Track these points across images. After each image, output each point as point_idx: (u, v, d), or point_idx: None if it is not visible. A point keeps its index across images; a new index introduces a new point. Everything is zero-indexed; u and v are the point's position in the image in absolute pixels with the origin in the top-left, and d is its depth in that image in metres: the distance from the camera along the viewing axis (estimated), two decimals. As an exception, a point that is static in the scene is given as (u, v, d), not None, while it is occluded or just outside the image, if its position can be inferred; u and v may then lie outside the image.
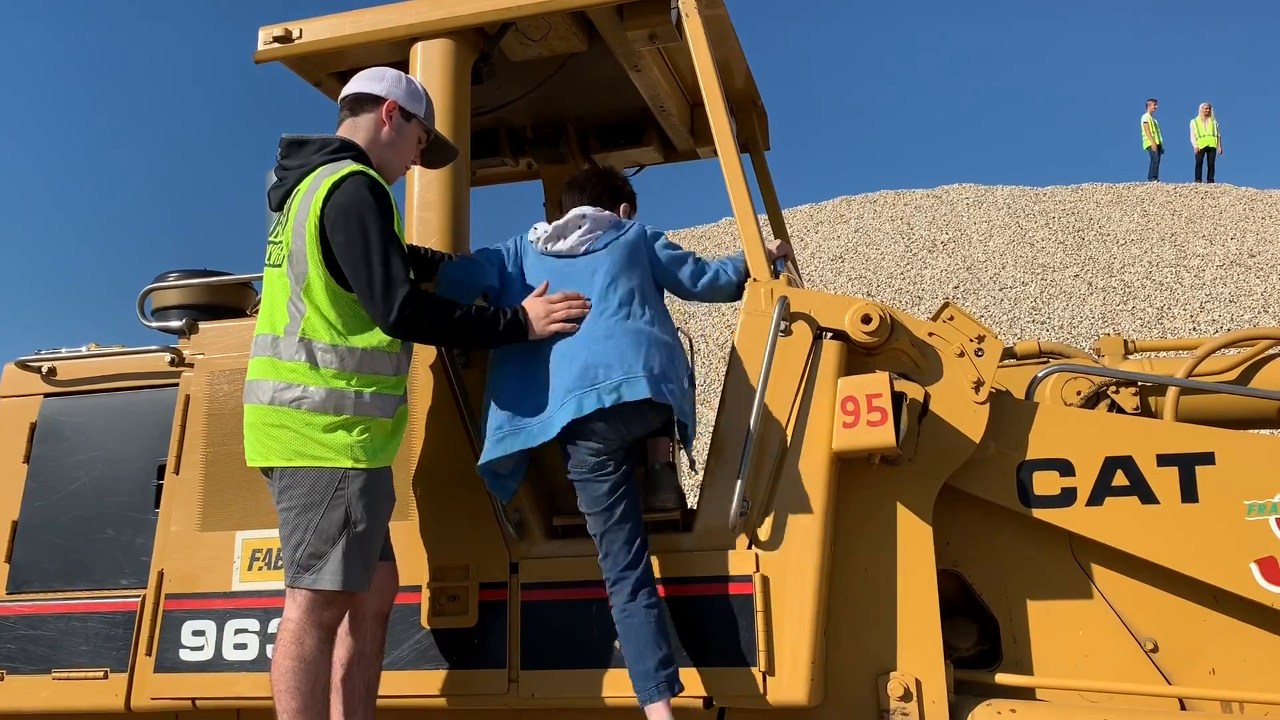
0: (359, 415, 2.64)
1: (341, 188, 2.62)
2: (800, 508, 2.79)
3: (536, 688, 2.83)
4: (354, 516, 2.59)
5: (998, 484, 2.92)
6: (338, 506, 2.58)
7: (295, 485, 2.61)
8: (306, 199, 2.66)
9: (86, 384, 3.51)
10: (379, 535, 2.68)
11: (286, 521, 2.62)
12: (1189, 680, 2.85)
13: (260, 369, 2.70)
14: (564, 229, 2.98)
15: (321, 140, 2.79)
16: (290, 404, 2.62)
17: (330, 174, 2.66)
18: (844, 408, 2.75)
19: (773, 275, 2.98)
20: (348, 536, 2.57)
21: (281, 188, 2.78)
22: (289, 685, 2.49)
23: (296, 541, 2.58)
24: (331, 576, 2.55)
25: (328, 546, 2.56)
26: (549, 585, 2.89)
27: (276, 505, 2.66)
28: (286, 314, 2.66)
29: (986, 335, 2.90)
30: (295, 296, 2.66)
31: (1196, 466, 2.82)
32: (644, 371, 2.70)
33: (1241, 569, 2.76)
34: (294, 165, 2.77)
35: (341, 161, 2.72)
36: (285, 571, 2.63)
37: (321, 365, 2.63)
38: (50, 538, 3.36)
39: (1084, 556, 2.95)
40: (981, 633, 3.05)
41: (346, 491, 2.59)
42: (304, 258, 2.64)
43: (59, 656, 3.18)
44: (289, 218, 2.69)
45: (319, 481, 2.59)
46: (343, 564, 2.56)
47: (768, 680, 2.69)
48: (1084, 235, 18.42)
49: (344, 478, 2.59)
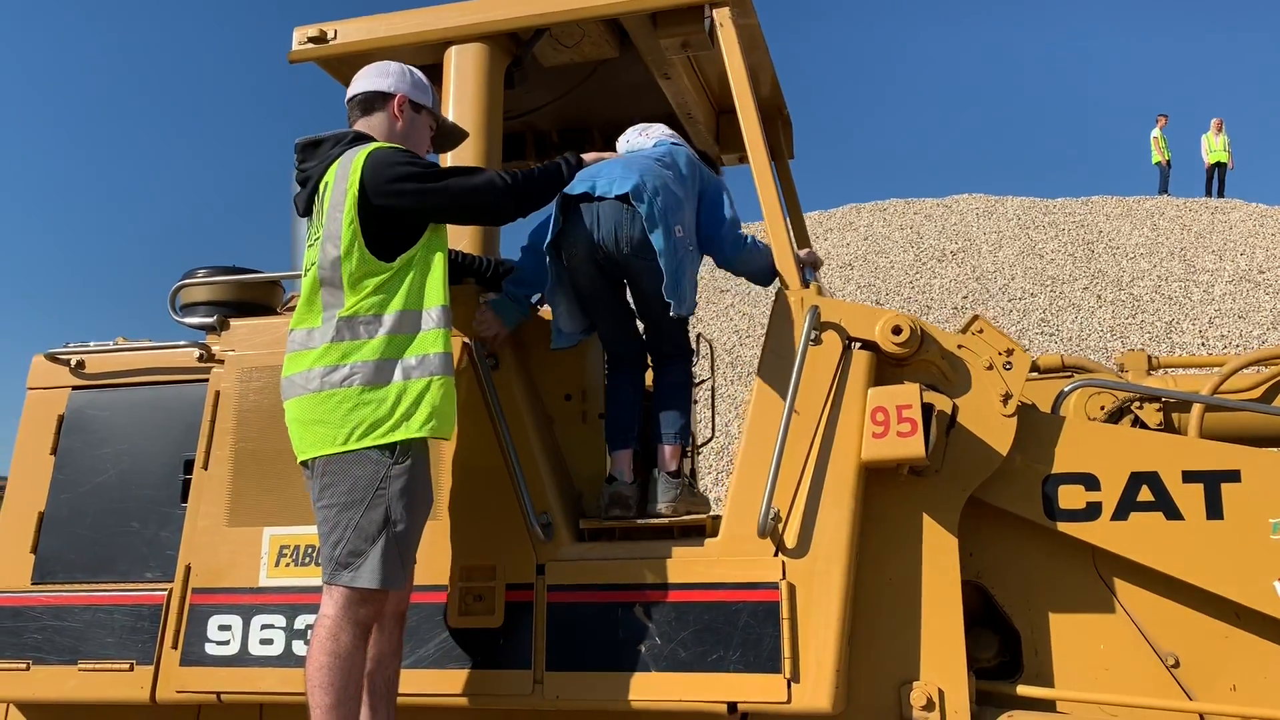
0: (411, 379, 2.67)
1: (373, 159, 2.69)
2: (828, 516, 2.80)
3: (562, 689, 2.85)
4: (394, 516, 2.61)
5: (1023, 497, 2.94)
6: (378, 506, 2.60)
7: (337, 482, 2.63)
8: (340, 184, 2.71)
9: (115, 378, 3.54)
10: (417, 535, 2.71)
11: (326, 519, 2.64)
12: (1210, 696, 2.87)
13: (299, 362, 2.73)
14: (648, 129, 3.32)
15: (336, 136, 2.85)
16: (341, 384, 2.65)
17: (354, 156, 2.72)
18: (874, 418, 2.76)
19: (803, 284, 3.00)
20: (387, 535, 2.60)
21: (305, 191, 2.83)
22: (323, 681, 2.51)
23: (336, 539, 2.60)
24: (370, 575, 2.58)
25: (367, 545, 2.58)
26: (575, 588, 2.91)
27: (316, 502, 2.68)
28: (322, 304, 2.70)
29: (1015, 349, 2.91)
30: (331, 281, 2.69)
31: (1222, 484, 2.83)
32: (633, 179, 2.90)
33: (1265, 587, 2.77)
34: (312, 165, 2.82)
35: (359, 146, 2.78)
36: (323, 568, 2.65)
37: (366, 337, 2.66)
38: (76, 530, 3.38)
39: (1107, 570, 2.96)
40: (1003, 644, 3.06)
41: (388, 491, 2.61)
42: (338, 238, 2.67)
43: (85, 648, 3.20)
44: (324, 209, 2.73)
45: (360, 479, 2.61)
46: (381, 562, 2.58)
47: (792, 687, 2.71)
48: (1094, 248, 18.43)
49: (385, 477, 2.61)
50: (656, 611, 2.84)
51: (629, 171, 2.94)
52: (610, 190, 2.91)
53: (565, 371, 3.18)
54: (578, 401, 3.16)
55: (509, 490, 2.97)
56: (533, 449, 3.01)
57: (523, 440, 3.01)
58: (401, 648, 2.86)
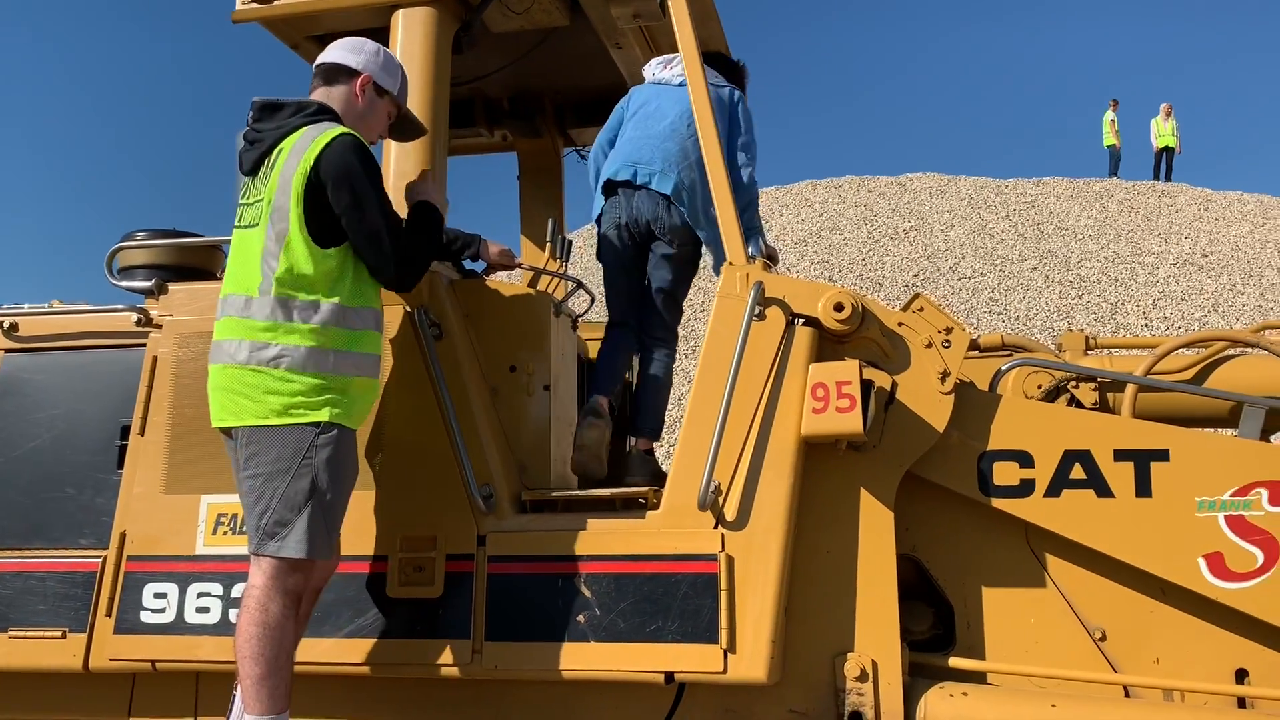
0: (339, 374, 2.67)
1: (334, 148, 2.65)
2: (767, 490, 2.83)
3: (500, 659, 2.86)
4: (320, 485, 2.61)
5: (959, 472, 2.99)
6: (304, 475, 2.59)
7: (262, 451, 2.61)
8: (294, 157, 2.66)
9: (49, 341, 3.47)
10: (343, 504, 2.71)
11: (252, 489, 2.62)
12: (1134, 669, 2.94)
13: (231, 329, 2.69)
14: (672, 60, 3.54)
15: (298, 104, 2.80)
16: (269, 363, 2.62)
17: (318, 134, 2.68)
18: (814, 394, 2.79)
19: (748, 259, 3.01)
20: (314, 504, 2.59)
21: (255, 150, 2.77)
22: (252, 651, 2.50)
23: (262, 509, 2.59)
24: (296, 544, 2.57)
25: (293, 514, 2.58)
26: (516, 559, 2.92)
27: (240, 470, 2.66)
28: (260, 274, 2.66)
29: (954, 327, 2.95)
30: (271, 255, 2.65)
31: (1152, 463, 2.89)
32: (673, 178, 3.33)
33: (1190, 563, 2.84)
34: (268, 128, 2.76)
35: (324, 124, 2.73)
36: (249, 538, 2.63)
37: (300, 321, 2.64)
38: (9, 495, 3.32)
39: (1039, 546, 3.02)
40: (937, 617, 3.11)
41: (314, 460, 2.60)
42: (286, 214, 2.64)
43: (15, 615, 3.15)
44: (272, 176, 2.68)
45: (286, 448, 2.60)
46: (308, 532, 2.58)
47: (729, 657, 2.74)
48: (1043, 228, 18.67)
49: (311, 446, 2.60)
50: (596, 583, 2.85)
51: (668, 165, 3.37)
52: (650, 182, 3.36)
53: (510, 342, 3.17)
54: (522, 372, 3.15)
55: (451, 461, 2.96)
56: (475, 420, 3.00)
57: (465, 411, 3.00)
58: (307, 621, 2.86)
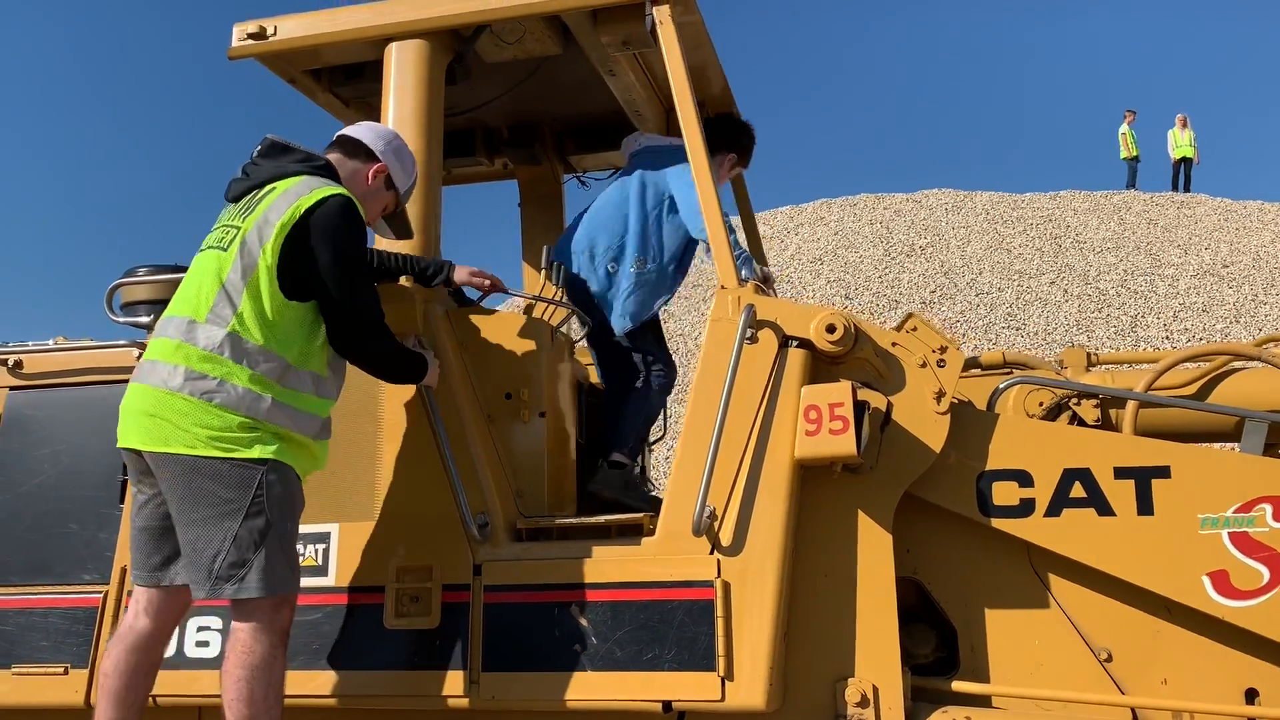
0: (271, 422, 2.59)
1: (332, 204, 2.64)
2: (762, 514, 2.81)
3: (497, 690, 2.85)
4: (274, 521, 2.55)
5: (957, 493, 2.96)
6: (256, 514, 2.53)
7: (206, 490, 2.52)
8: (285, 200, 2.65)
9: (53, 377, 3.50)
10: (296, 535, 2.67)
11: (199, 532, 2.52)
12: (1142, 690, 2.89)
13: (169, 352, 2.61)
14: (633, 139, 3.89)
15: (307, 154, 2.81)
16: (202, 396, 2.54)
17: (320, 186, 2.68)
18: (807, 416, 2.77)
19: (740, 282, 3.01)
20: (270, 541, 2.54)
21: (245, 182, 2.77)
22: (239, 693, 2.49)
23: (213, 552, 2.51)
24: (257, 584, 2.51)
25: (250, 553, 2.51)
26: (512, 588, 2.91)
27: (175, 503, 2.56)
28: (213, 300, 2.60)
29: (949, 346, 2.93)
30: (234, 286, 2.59)
31: (1153, 480, 2.86)
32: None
33: (1194, 581, 2.80)
34: (268, 165, 2.77)
35: (327, 181, 2.74)
36: (198, 584, 2.55)
37: (244, 364, 2.57)
38: (14, 532, 3.35)
39: (1042, 566, 2.98)
40: (940, 640, 3.08)
41: (264, 497, 2.54)
42: (258, 252, 2.60)
43: (19, 651, 3.17)
44: (256, 210, 2.66)
45: (234, 488, 2.52)
46: (265, 569, 2.52)
47: (726, 685, 2.72)
48: (1061, 242, 18.57)
49: (261, 483, 2.54)
50: (592, 611, 2.84)
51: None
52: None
53: (505, 370, 3.17)
54: (517, 400, 3.15)
55: (446, 490, 2.97)
56: (470, 449, 3.00)
57: (459, 439, 3.00)
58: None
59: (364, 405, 3.08)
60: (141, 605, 2.70)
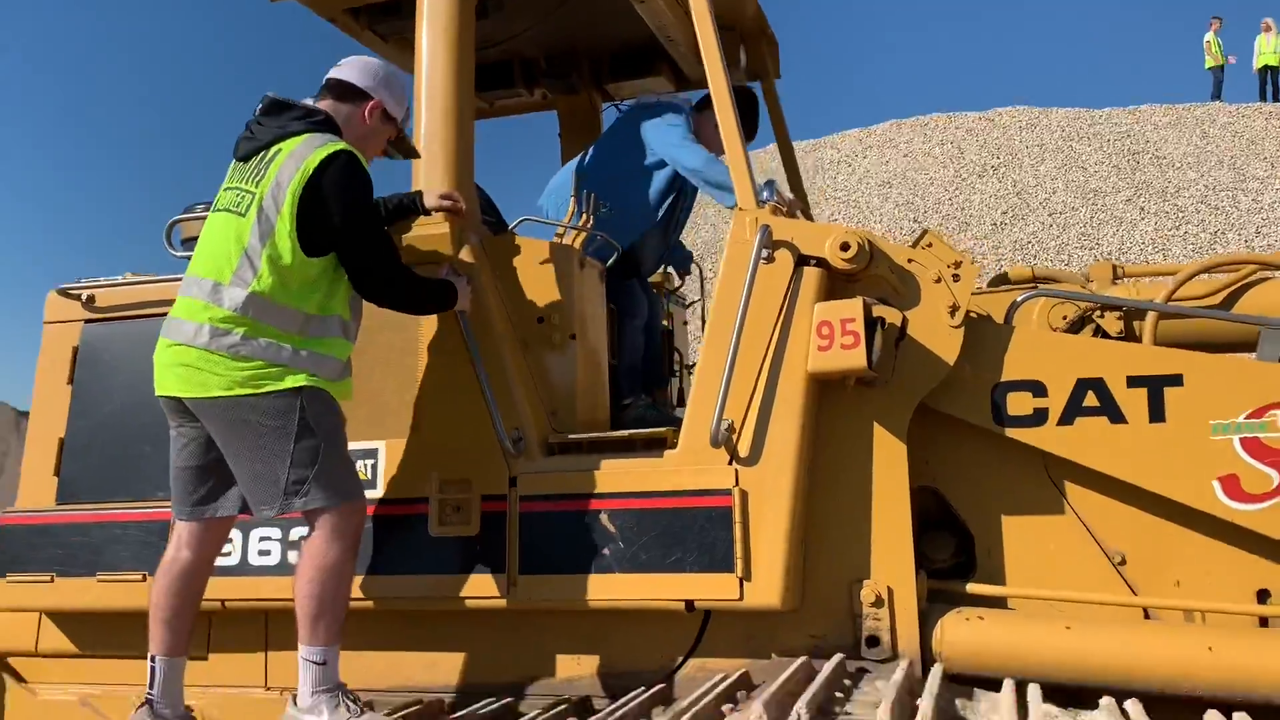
0: (294, 366, 2.77)
1: (337, 163, 2.78)
2: (778, 427, 2.93)
3: (533, 591, 3.04)
4: (321, 436, 2.76)
5: (973, 404, 3.04)
6: (305, 434, 2.73)
7: (253, 423, 2.73)
8: (293, 162, 2.78)
9: (123, 310, 3.74)
10: (346, 448, 2.89)
11: (258, 460, 2.74)
12: (1155, 592, 2.98)
13: (195, 311, 2.79)
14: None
15: (305, 109, 2.93)
16: (228, 350, 2.74)
17: (321, 144, 2.80)
18: (819, 332, 2.88)
19: (758, 204, 3.10)
20: (324, 455, 2.74)
21: (253, 142, 2.90)
22: (309, 591, 2.71)
23: (275, 476, 2.72)
24: (322, 495, 2.73)
25: (308, 470, 2.72)
26: (545, 497, 3.09)
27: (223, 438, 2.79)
28: (236, 264, 2.76)
29: (963, 261, 2.99)
30: (254, 250, 2.75)
31: (1165, 388, 2.91)
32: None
33: (1204, 486, 2.86)
34: (273, 124, 2.89)
35: (327, 135, 2.87)
36: (267, 502, 2.76)
37: (267, 322, 2.75)
38: (93, 454, 3.62)
39: (1058, 474, 3.06)
40: (959, 546, 3.19)
41: (308, 417, 2.74)
42: (275, 215, 2.75)
43: (102, 561, 3.45)
44: (268, 174, 2.79)
45: (278, 416, 2.72)
46: (327, 481, 2.74)
47: (745, 585, 2.87)
48: (1139, 159, 18.02)
49: (300, 407, 2.74)
50: (620, 518, 3.01)
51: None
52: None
53: (537, 295, 3.32)
54: (549, 324, 3.30)
55: (482, 408, 3.14)
56: (504, 369, 3.17)
57: (494, 361, 3.16)
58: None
59: (404, 332, 3.25)
60: (184, 539, 2.95)
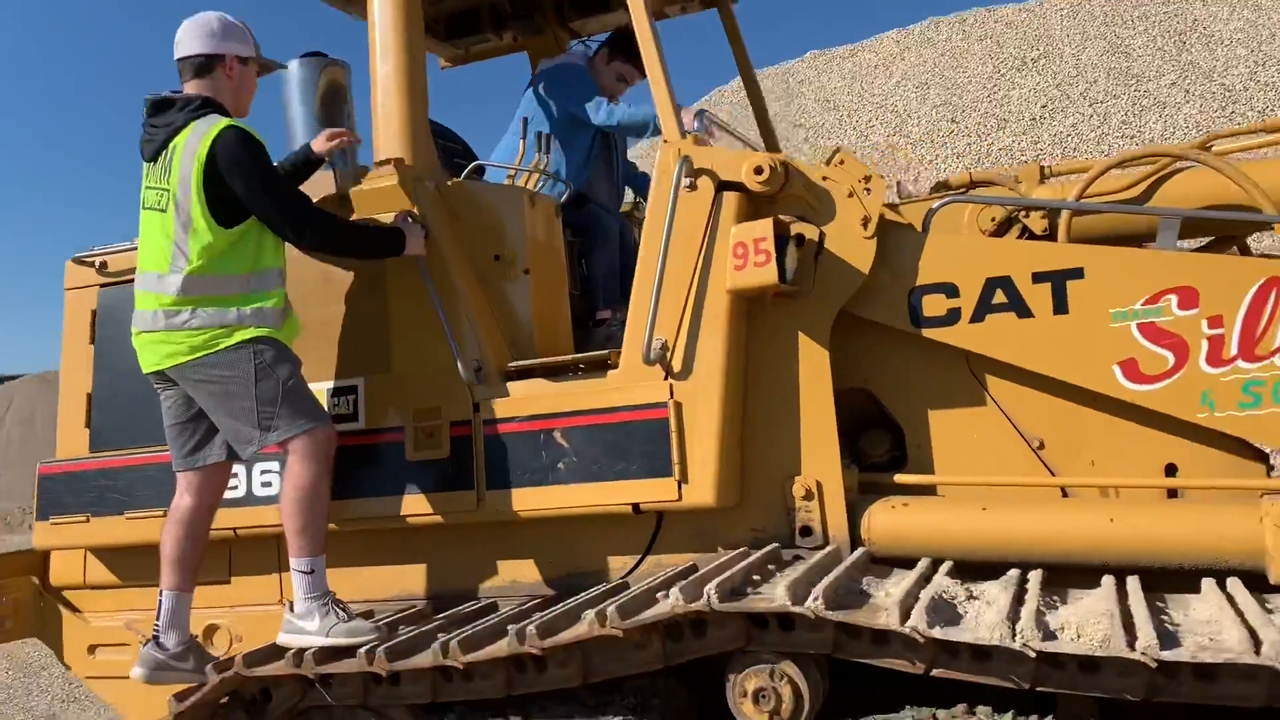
0: (241, 324, 3.17)
1: (224, 141, 3.10)
2: (706, 343, 3.19)
3: (500, 504, 3.37)
4: (281, 376, 3.15)
5: (892, 309, 3.26)
6: (265, 377, 3.14)
7: (215, 377, 3.15)
8: (188, 153, 3.12)
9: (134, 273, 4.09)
10: (304, 382, 3.25)
11: (225, 409, 3.18)
12: (1071, 472, 3.19)
13: (149, 301, 3.23)
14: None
15: (184, 99, 3.24)
16: (182, 326, 3.16)
17: (206, 130, 3.13)
18: (734, 252, 3.11)
19: (681, 135, 3.31)
20: (285, 392, 3.14)
21: (153, 143, 3.24)
22: (290, 510, 3.14)
23: (245, 418, 3.15)
24: (288, 426, 3.13)
25: (272, 407, 3.12)
26: (505, 420, 3.39)
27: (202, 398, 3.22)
28: (170, 255, 3.16)
29: (872, 176, 3.18)
30: (181, 240, 3.14)
31: (1068, 281, 3.08)
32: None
33: (1106, 371, 3.05)
34: (162, 123, 3.22)
35: (210, 117, 3.18)
36: (248, 442, 3.18)
37: (209, 293, 3.15)
38: (118, 405, 4.01)
39: (978, 368, 3.27)
40: (894, 441, 3.43)
41: (263, 362, 3.14)
42: (189, 205, 3.12)
43: (130, 500, 3.85)
44: (173, 170, 3.15)
45: (236, 367, 3.13)
46: (290, 413, 3.13)
47: (683, 488, 3.16)
48: (1185, 39, 17.45)
49: (256, 353, 3.14)
50: (572, 435, 3.30)
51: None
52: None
53: (491, 235, 3.59)
54: (504, 260, 3.57)
55: (445, 343, 3.44)
56: (462, 306, 3.46)
57: (451, 298, 3.45)
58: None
59: (373, 277, 3.56)
60: (183, 486, 3.37)
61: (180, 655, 3.25)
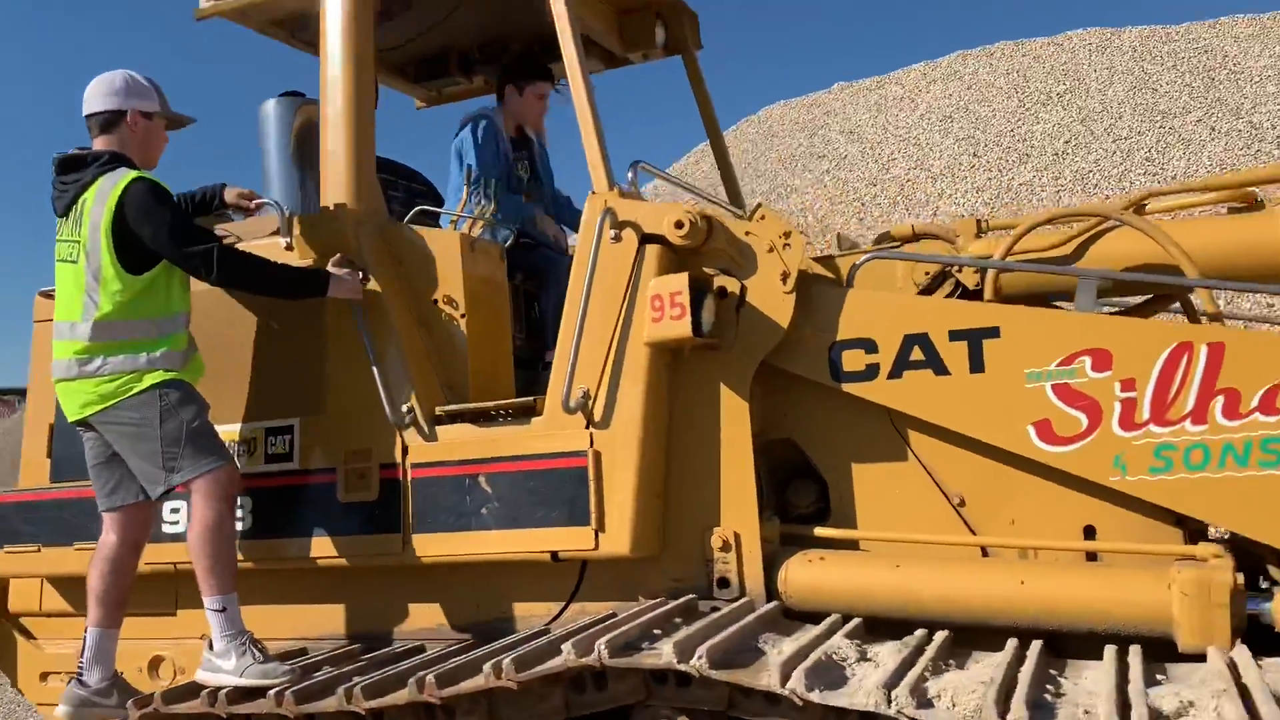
0: (151, 367, 3.30)
1: (132, 193, 3.25)
2: (626, 393, 3.22)
3: (424, 548, 3.41)
4: (185, 418, 3.25)
5: (813, 363, 3.27)
6: (169, 419, 3.24)
7: (126, 422, 3.28)
8: (98, 206, 3.27)
9: None
10: (208, 424, 3.35)
11: (135, 451, 3.29)
12: (992, 531, 3.18)
13: (63, 350, 3.36)
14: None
15: (93, 155, 3.39)
16: (95, 373, 3.29)
17: (113, 184, 3.28)
18: (652, 305, 3.14)
19: (609, 186, 3.35)
20: (188, 434, 3.24)
21: (64, 198, 3.38)
22: (200, 550, 3.23)
23: (153, 460, 3.25)
24: (191, 468, 3.23)
25: (177, 448, 3.22)
26: (432, 464, 3.44)
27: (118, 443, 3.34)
28: (82, 304, 3.31)
29: (792, 232, 3.20)
30: (92, 289, 3.29)
31: (984, 340, 3.08)
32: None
33: (1020, 431, 3.04)
34: (72, 180, 3.37)
35: (118, 171, 3.32)
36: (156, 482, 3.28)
37: (119, 338, 3.28)
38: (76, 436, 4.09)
39: (900, 423, 3.27)
40: (820, 493, 3.43)
41: (169, 403, 3.25)
42: (99, 255, 3.26)
43: (81, 531, 3.93)
44: (83, 223, 3.30)
45: (143, 411, 3.25)
46: (193, 455, 3.23)
47: (599, 536, 3.18)
48: (1214, 75, 17.30)
49: (162, 397, 3.25)
50: (495, 480, 3.34)
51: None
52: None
53: (431, 279, 3.65)
54: (443, 304, 3.63)
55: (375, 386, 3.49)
56: (395, 351, 3.51)
57: (384, 343, 3.51)
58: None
59: (311, 320, 3.62)
60: (108, 525, 3.48)
61: (104, 691, 3.32)
